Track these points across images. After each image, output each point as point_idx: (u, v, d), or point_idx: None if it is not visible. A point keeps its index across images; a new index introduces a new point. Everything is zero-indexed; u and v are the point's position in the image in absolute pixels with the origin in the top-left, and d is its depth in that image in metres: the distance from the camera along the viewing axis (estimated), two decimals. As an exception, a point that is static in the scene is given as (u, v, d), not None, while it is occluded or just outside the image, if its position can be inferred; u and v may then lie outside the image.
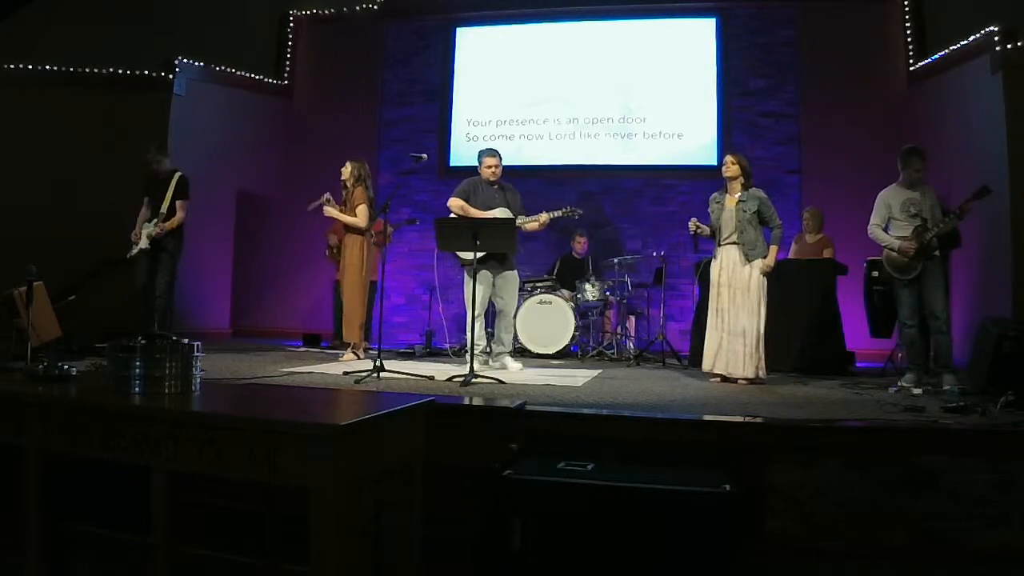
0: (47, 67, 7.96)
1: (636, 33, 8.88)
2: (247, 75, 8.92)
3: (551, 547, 2.77)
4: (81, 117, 7.68)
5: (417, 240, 8.61)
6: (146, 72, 8.08)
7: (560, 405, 3.80)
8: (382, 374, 4.67)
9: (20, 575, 2.49)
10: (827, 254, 6.75)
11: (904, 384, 4.86)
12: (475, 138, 9.05)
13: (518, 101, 9.01)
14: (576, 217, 6.05)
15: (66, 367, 2.74)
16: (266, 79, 9.17)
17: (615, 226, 8.58)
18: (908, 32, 8.10)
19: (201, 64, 8.41)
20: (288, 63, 9.40)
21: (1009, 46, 6.69)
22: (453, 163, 9.09)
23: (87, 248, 6.73)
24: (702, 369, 5.26)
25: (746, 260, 5.09)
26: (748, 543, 3.00)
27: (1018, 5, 6.73)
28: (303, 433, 2.11)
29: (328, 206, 6.30)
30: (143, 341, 2.46)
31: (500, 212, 5.67)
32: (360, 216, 5.99)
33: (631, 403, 4.08)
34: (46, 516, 2.50)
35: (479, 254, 5.01)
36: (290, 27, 9.44)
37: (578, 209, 6.00)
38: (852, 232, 7.16)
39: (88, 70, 8.03)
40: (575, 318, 7.07)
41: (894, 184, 5.12)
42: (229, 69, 8.69)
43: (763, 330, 5.06)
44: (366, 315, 6.30)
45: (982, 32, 6.93)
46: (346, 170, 6.14)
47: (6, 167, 7.49)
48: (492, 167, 5.77)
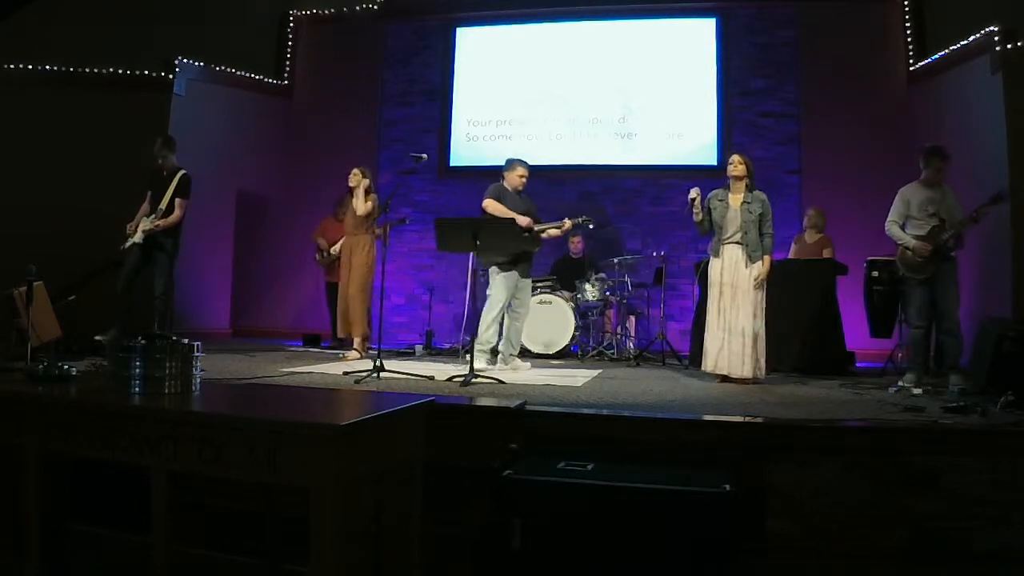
0: (47, 67, 7.96)
1: (636, 33, 8.87)
2: (247, 75, 8.92)
3: (551, 547, 2.77)
4: (81, 117, 7.67)
5: (417, 240, 8.61)
6: (146, 72, 8.08)
7: (560, 405, 3.80)
8: (382, 374, 4.67)
9: (20, 575, 2.49)
10: (827, 254, 6.74)
11: (904, 384, 4.86)
12: (475, 138, 9.06)
13: (518, 101, 9.01)
14: (590, 227, 6.37)
15: (66, 367, 2.74)
16: (266, 79, 9.17)
17: (615, 226, 8.58)
18: (908, 32, 8.10)
19: (201, 64, 8.41)
20: (288, 63, 9.40)
21: (1009, 46, 6.69)
22: (453, 163, 9.09)
23: (87, 248, 6.71)
24: (702, 369, 5.26)
25: (749, 261, 5.09)
26: (748, 543, 3.00)
27: (1018, 5, 6.73)
28: (303, 433, 2.11)
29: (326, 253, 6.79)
30: (143, 341, 2.46)
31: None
32: (371, 204, 6.13)
33: (631, 403, 4.08)
34: (46, 516, 2.50)
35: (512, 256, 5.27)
36: (290, 27, 9.44)
37: (591, 220, 6.33)
38: (852, 232, 7.19)
39: (88, 70, 8.03)
40: (575, 318, 7.08)
41: (915, 182, 5.08)
42: (229, 69, 8.69)
43: (762, 330, 5.06)
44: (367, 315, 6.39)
45: (982, 32, 6.93)
46: (355, 176, 6.22)
47: (6, 167, 7.48)
48: (524, 176, 5.87)
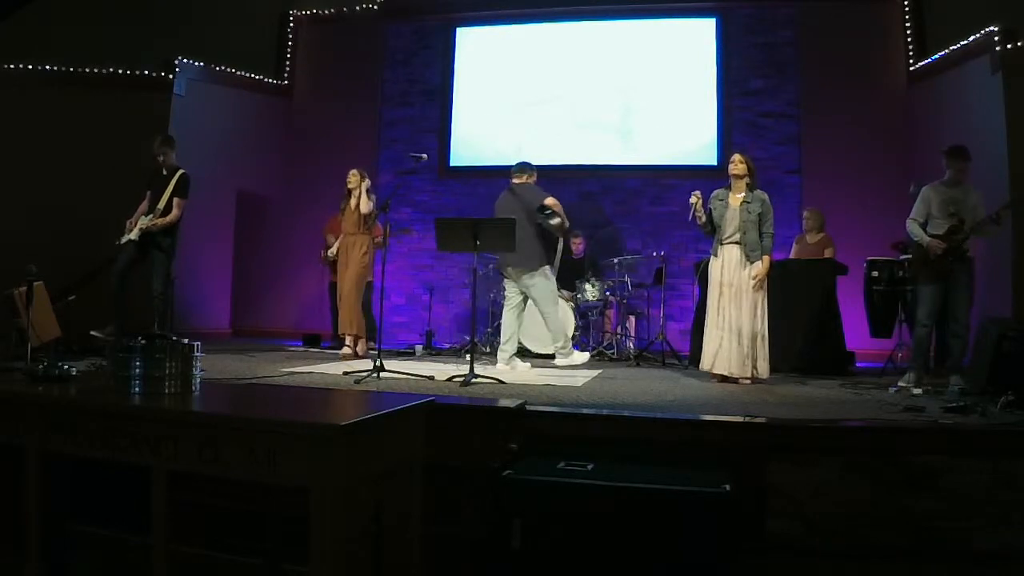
0: (47, 67, 7.97)
1: (636, 33, 8.88)
2: (247, 75, 8.92)
3: (551, 547, 2.77)
4: (81, 117, 7.68)
5: (416, 240, 8.61)
6: (146, 72, 8.09)
7: (560, 405, 3.80)
8: (382, 374, 4.67)
9: (20, 575, 2.49)
10: (828, 254, 6.74)
11: (904, 384, 4.86)
12: (475, 138, 9.05)
13: (518, 101, 9.01)
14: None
15: (66, 367, 2.74)
16: (266, 79, 9.17)
17: (615, 226, 8.58)
18: (908, 32, 8.10)
19: (201, 64, 8.41)
20: (288, 63, 9.40)
21: (1009, 46, 6.69)
22: (453, 163, 9.09)
23: (87, 248, 6.72)
24: (702, 369, 5.26)
25: (747, 261, 5.08)
26: (748, 543, 3.00)
27: (1018, 5, 6.73)
28: (303, 433, 2.11)
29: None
30: (143, 341, 2.46)
31: None
32: (370, 202, 6.16)
33: (631, 403, 4.07)
34: (46, 516, 2.50)
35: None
36: (290, 27, 9.45)
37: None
38: (852, 232, 7.19)
39: (88, 70, 8.04)
40: (575, 318, 7.07)
41: (938, 181, 5.09)
42: (229, 69, 8.69)
43: (765, 330, 5.06)
44: (364, 315, 6.44)
45: (982, 32, 6.93)
46: (354, 178, 6.22)
47: (6, 167, 7.49)
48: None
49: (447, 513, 3.03)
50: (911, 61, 8.05)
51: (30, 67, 7.94)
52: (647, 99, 8.72)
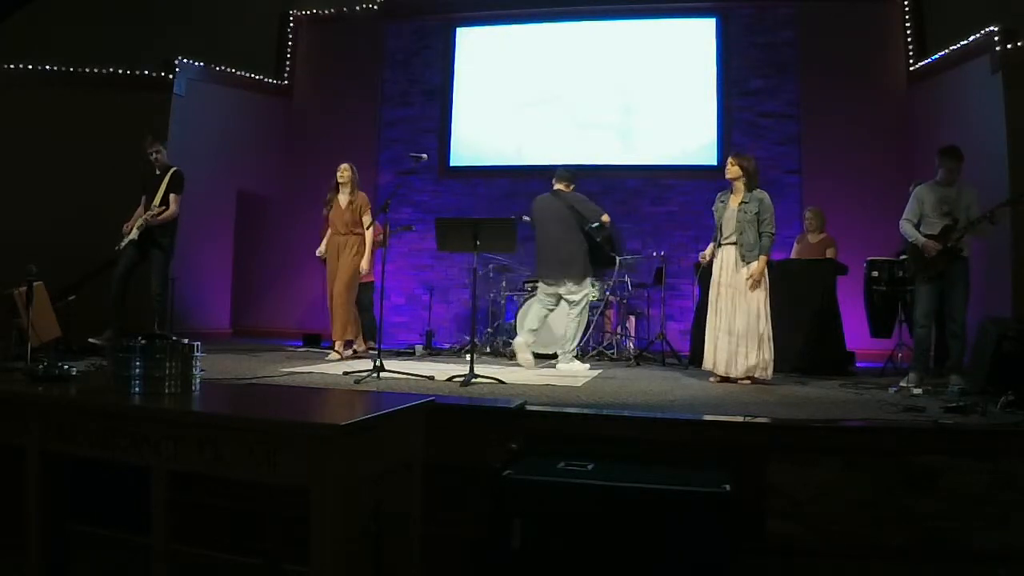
0: (47, 67, 7.96)
1: (636, 33, 8.87)
2: (247, 75, 8.92)
3: (551, 547, 2.77)
4: (81, 117, 7.67)
5: (416, 240, 8.61)
6: (146, 72, 8.08)
7: (560, 405, 3.80)
8: (382, 374, 4.67)
9: (20, 575, 2.48)
10: (830, 254, 6.74)
11: (904, 384, 4.86)
12: (475, 138, 9.05)
13: (518, 101, 9.01)
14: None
15: (66, 367, 2.74)
16: (266, 79, 9.17)
17: (615, 226, 8.56)
18: (908, 32, 8.10)
19: (201, 64, 8.41)
20: (288, 63, 9.40)
21: (1009, 46, 6.69)
22: (453, 163, 9.09)
23: (87, 248, 6.72)
24: (702, 369, 5.25)
25: (743, 262, 5.08)
26: (748, 543, 3.00)
27: (1018, 5, 6.73)
28: (303, 433, 2.11)
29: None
30: (143, 341, 2.46)
31: None
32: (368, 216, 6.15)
33: (631, 403, 4.08)
34: (46, 516, 2.50)
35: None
36: (290, 27, 9.45)
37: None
38: (852, 232, 7.19)
39: (88, 70, 8.03)
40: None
41: (930, 181, 5.10)
42: (229, 69, 8.69)
43: (768, 331, 5.05)
44: (360, 315, 6.45)
45: (982, 32, 6.93)
46: (346, 172, 6.18)
47: (6, 167, 7.49)
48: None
49: (447, 513, 3.03)
50: (911, 61, 8.05)
51: (30, 67, 7.93)
52: (647, 99, 8.72)
